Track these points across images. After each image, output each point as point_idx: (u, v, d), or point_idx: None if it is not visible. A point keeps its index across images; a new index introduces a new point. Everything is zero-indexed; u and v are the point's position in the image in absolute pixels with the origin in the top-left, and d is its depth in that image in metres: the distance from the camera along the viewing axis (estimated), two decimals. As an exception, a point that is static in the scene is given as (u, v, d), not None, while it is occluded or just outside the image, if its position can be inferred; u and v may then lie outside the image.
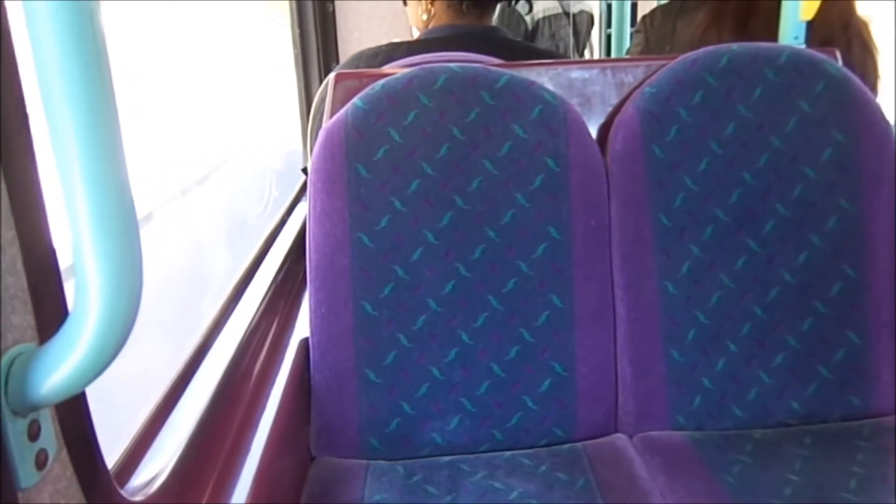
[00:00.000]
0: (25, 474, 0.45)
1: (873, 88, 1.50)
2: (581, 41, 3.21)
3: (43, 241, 0.48)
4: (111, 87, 0.42)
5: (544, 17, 3.11)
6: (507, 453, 1.05)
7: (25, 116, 0.46)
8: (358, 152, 1.02)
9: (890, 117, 1.09)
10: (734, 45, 1.08)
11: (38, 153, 0.47)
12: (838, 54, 1.15)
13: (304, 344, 1.07)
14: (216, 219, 1.82)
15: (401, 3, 1.46)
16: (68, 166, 0.41)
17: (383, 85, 1.04)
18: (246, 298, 1.17)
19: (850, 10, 1.46)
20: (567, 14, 3.17)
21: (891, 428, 1.04)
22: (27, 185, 0.46)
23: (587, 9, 3.23)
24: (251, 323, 1.07)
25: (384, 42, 1.39)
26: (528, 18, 3.11)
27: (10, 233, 0.45)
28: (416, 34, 1.46)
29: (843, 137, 1.06)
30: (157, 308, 1.06)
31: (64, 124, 0.41)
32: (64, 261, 0.48)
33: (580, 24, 3.19)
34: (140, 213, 0.45)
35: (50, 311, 0.49)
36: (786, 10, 1.26)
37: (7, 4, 0.44)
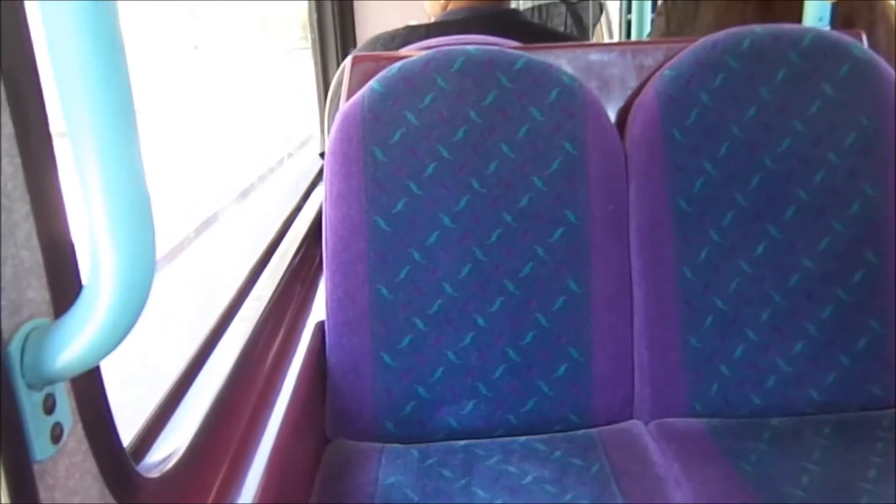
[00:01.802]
0: (40, 447, 0.45)
1: None
2: (586, 31, 3.14)
3: (58, 217, 0.48)
4: (124, 61, 0.42)
5: (533, 7, 3.04)
6: (522, 438, 1.04)
7: (40, 92, 0.46)
8: (374, 135, 1.01)
9: None
10: (757, 28, 1.06)
11: (52, 128, 0.47)
12: (864, 36, 1.12)
13: (321, 327, 1.07)
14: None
15: None
16: (82, 139, 0.41)
17: (400, 67, 1.03)
18: (263, 281, 1.17)
19: None
20: (565, 2, 3.10)
21: None
22: (42, 161, 0.46)
23: None
24: (268, 305, 1.08)
25: (401, 26, 1.38)
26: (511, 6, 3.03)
27: (25, 208, 0.45)
28: (432, 19, 1.45)
29: (867, 121, 1.04)
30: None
31: (77, 97, 0.41)
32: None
33: (583, 13, 3.13)
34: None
35: (65, 286, 0.49)
36: None
37: None
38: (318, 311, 1.13)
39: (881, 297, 1.04)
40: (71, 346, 0.45)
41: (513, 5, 3.01)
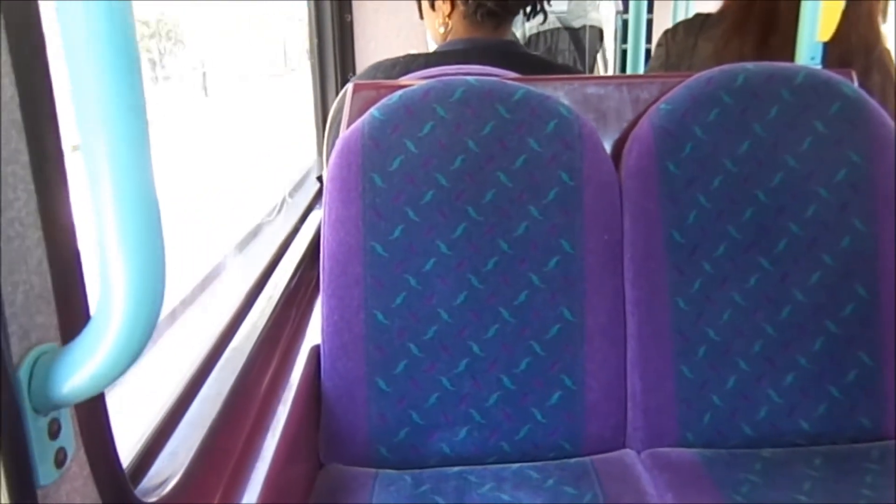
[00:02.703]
0: (45, 472, 0.46)
1: (893, 116, 1.49)
2: (588, 57, 3.18)
3: (68, 244, 0.49)
4: (141, 91, 0.43)
5: (538, 33, 3.08)
6: (515, 465, 1.05)
7: (55, 119, 0.47)
8: (374, 162, 1.03)
9: None
10: (750, 65, 1.09)
11: (66, 156, 0.48)
12: (854, 75, 1.15)
13: (316, 351, 1.07)
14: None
15: (418, 16, 1.48)
16: (96, 170, 0.42)
17: (400, 96, 1.05)
18: (259, 304, 1.18)
19: (875, 35, 1.46)
20: (568, 29, 3.15)
21: None
22: (55, 188, 0.47)
23: (594, 23, 3.21)
24: (263, 329, 1.08)
25: (401, 53, 1.40)
26: (517, 34, 3.08)
27: (37, 234, 0.46)
28: (432, 46, 1.47)
29: (857, 158, 1.06)
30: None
31: (93, 128, 0.42)
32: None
33: (585, 40, 3.17)
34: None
35: (73, 312, 0.49)
36: (803, 30, 1.27)
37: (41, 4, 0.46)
38: (314, 335, 1.13)
39: (871, 330, 1.06)
40: (78, 372, 0.45)
41: (518, 32, 3.05)
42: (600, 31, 3.27)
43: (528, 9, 1.42)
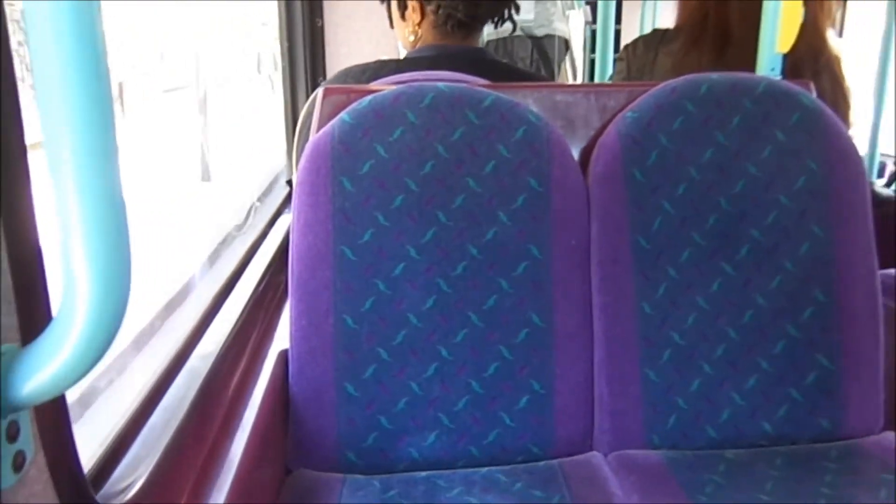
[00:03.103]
0: (3, 475, 0.45)
1: (845, 119, 1.54)
2: (552, 66, 3.20)
3: (30, 242, 0.48)
4: (107, 85, 0.42)
5: (496, 40, 3.08)
6: (484, 469, 1.05)
7: (18, 115, 0.47)
8: (344, 166, 1.02)
9: (862, 151, 1.13)
10: (713, 75, 1.11)
11: (28, 153, 0.48)
12: (812, 86, 1.18)
13: (284, 356, 1.06)
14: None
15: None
16: (60, 166, 0.42)
17: (371, 101, 1.05)
18: (226, 308, 1.17)
19: (822, 42, 1.51)
20: (531, 37, 3.16)
21: (859, 451, 1.07)
22: (16, 184, 0.47)
23: (560, 33, 3.23)
24: (231, 333, 1.07)
25: (371, 59, 1.41)
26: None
27: None
28: (403, 53, 1.48)
29: (816, 166, 1.09)
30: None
31: (57, 122, 0.41)
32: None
33: (549, 49, 3.19)
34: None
35: (34, 313, 0.49)
36: (763, 42, 1.30)
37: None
38: (282, 339, 1.12)
39: (829, 333, 1.09)
40: (39, 373, 0.44)
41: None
42: (566, 41, 3.29)
43: (497, 18, 1.43)
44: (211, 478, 0.81)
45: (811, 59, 1.47)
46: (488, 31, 3.01)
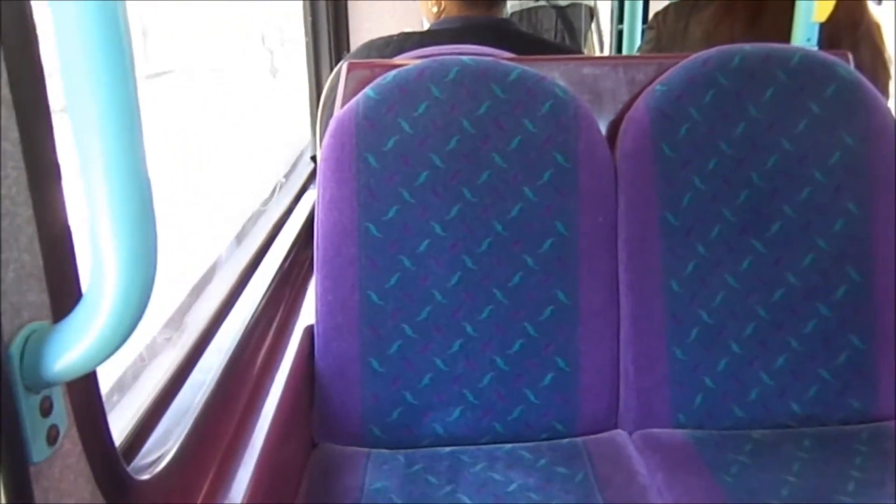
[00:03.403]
0: (37, 449, 0.46)
1: (884, 90, 1.50)
2: (578, 36, 3.15)
3: (59, 222, 0.49)
4: (132, 71, 0.42)
5: (520, 11, 3.04)
6: (508, 446, 1.05)
7: (45, 96, 0.47)
8: (368, 142, 1.02)
9: None
10: (746, 46, 1.08)
11: (57, 135, 0.48)
12: (850, 57, 1.15)
13: (310, 331, 1.07)
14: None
15: None
16: (88, 148, 0.42)
17: (395, 76, 1.04)
18: (252, 284, 1.18)
19: (861, 10, 1.46)
20: (555, 7, 3.11)
21: (890, 433, 1.05)
22: (46, 166, 0.47)
23: (585, 1, 3.17)
24: (257, 309, 1.08)
25: (395, 32, 1.39)
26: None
27: (28, 212, 0.46)
28: (427, 26, 1.46)
29: (852, 141, 1.06)
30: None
31: (84, 105, 0.41)
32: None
33: (574, 19, 3.14)
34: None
35: (64, 291, 0.49)
36: (799, 11, 1.26)
37: None
38: (307, 314, 1.13)
39: (863, 313, 1.07)
40: (70, 350, 0.45)
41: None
42: (591, 10, 3.23)
43: None
44: (238, 452, 0.82)
45: (850, 27, 1.42)
46: (511, 3, 2.97)
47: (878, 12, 1.52)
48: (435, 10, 1.39)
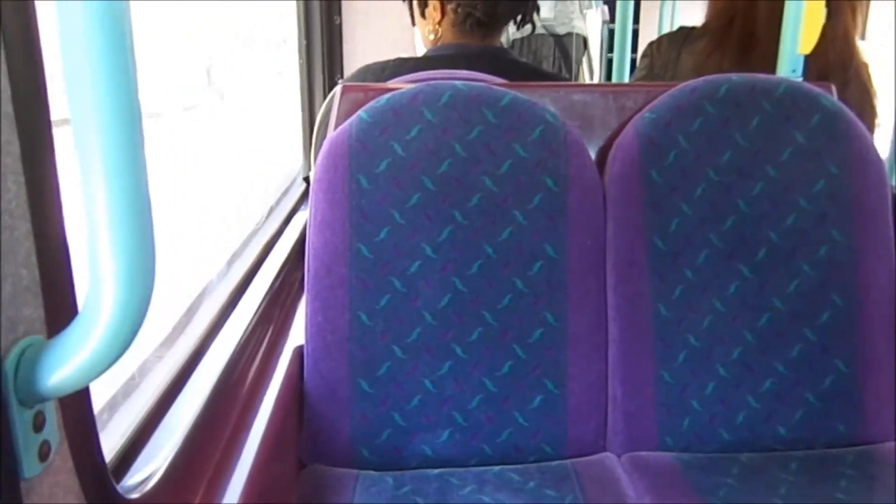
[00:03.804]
0: (29, 464, 0.46)
1: (870, 127, 1.53)
2: (572, 64, 3.21)
3: (57, 237, 0.49)
4: (135, 82, 0.43)
5: (521, 38, 3.10)
6: (497, 468, 1.05)
7: (47, 111, 0.48)
8: (361, 164, 1.03)
9: (883, 154, 1.12)
10: (733, 76, 1.11)
11: (57, 150, 0.48)
12: (833, 88, 1.17)
13: (299, 352, 1.07)
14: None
15: (408, 21, 1.49)
16: (88, 163, 0.42)
17: (388, 99, 1.05)
18: (242, 304, 1.18)
19: (851, 51, 1.50)
20: (553, 35, 3.17)
21: (876, 456, 1.06)
22: (45, 180, 0.47)
23: (579, 31, 3.24)
24: (247, 328, 1.08)
25: (388, 57, 1.41)
26: (503, 39, 3.11)
27: (25, 226, 0.46)
28: (421, 51, 1.48)
29: (836, 170, 1.08)
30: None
31: (86, 120, 0.42)
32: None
33: (569, 47, 3.20)
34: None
35: (60, 305, 0.49)
36: (784, 43, 1.29)
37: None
38: (297, 335, 1.13)
39: (847, 337, 1.08)
40: (65, 365, 0.45)
41: (503, 37, 3.06)
42: (584, 39, 3.30)
43: (518, 18, 1.43)
44: (227, 471, 0.82)
45: (840, 68, 1.46)
46: (513, 31, 3.02)
47: (864, 49, 1.56)
48: (432, 36, 1.41)
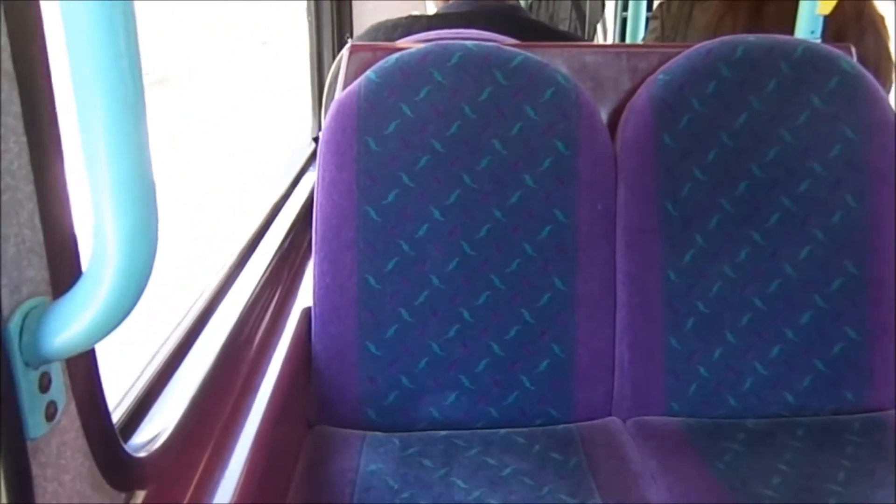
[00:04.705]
0: (34, 425, 0.46)
1: (886, 80, 1.50)
2: (589, 26, 3.16)
3: (61, 198, 0.49)
4: (135, 40, 0.42)
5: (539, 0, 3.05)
6: (503, 431, 1.06)
7: (48, 70, 0.47)
8: (369, 126, 1.02)
9: None
10: (750, 37, 1.08)
11: (59, 110, 0.48)
12: (853, 50, 1.14)
13: (307, 313, 1.08)
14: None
15: None
16: (90, 123, 0.42)
17: (397, 59, 1.03)
18: (250, 265, 1.18)
19: (863, 1, 1.46)
20: None
21: (882, 424, 1.06)
22: (48, 140, 0.47)
23: None
24: (255, 290, 1.08)
25: (399, 15, 1.39)
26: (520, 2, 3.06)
27: (29, 187, 0.46)
28: (430, 9, 1.45)
29: (852, 134, 1.06)
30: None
31: (88, 79, 0.41)
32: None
33: (586, 8, 3.14)
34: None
35: (64, 267, 0.49)
36: (804, 3, 1.25)
37: None
38: (305, 297, 1.13)
39: (858, 305, 1.07)
40: (70, 327, 0.45)
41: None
42: (602, 2, 3.23)
43: None
44: (234, 432, 0.83)
45: (855, 18, 1.42)
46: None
47: (881, 5, 1.52)
48: None
